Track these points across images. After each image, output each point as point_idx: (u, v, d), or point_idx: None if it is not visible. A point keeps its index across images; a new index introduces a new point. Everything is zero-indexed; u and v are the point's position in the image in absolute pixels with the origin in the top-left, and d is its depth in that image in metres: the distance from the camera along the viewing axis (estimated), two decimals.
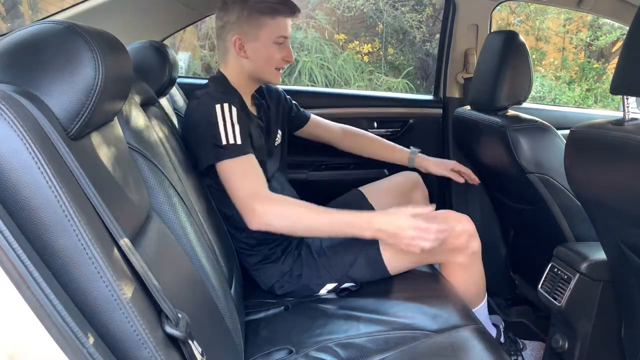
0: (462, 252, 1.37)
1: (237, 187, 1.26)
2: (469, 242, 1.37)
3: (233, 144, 1.27)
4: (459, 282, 1.41)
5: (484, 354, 1.02)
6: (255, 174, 1.29)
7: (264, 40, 1.38)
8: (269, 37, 1.38)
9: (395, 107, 2.13)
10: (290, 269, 1.40)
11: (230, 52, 1.40)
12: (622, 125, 0.99)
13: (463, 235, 1.35)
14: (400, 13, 5.11)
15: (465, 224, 1.37)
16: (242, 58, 1.40)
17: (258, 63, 1.40)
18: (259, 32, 1.37)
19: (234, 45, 1.38)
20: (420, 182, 1.76)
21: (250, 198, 1.24)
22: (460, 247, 1.36)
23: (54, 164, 0.58)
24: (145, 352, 0.60)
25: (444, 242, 1.31)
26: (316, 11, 5.14)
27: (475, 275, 1.44)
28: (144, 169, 0.95)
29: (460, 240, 1.35)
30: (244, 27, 1.36)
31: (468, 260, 1.39)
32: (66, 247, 0.57)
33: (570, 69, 5.63)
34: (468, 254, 1.38)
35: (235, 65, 1.41)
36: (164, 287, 0.67)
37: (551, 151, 1.43)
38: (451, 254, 1.38)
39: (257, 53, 1.39)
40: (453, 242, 1.35)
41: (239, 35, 1.37)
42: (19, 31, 0.66)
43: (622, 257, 1.14)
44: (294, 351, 1.11)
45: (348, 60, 5.06)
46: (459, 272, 1.41)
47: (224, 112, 1.29)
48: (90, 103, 0.65)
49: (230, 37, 1.38)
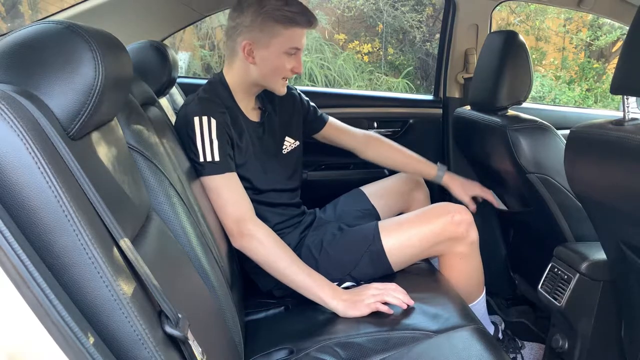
0: (461, 241, 1.39)
1: (222, 204, 1.27)
2: (468, 231, 1.39)
3: (210, 161, 1.26)
4: (459, 272, 1.43)
5: (484, 354, 1.02)
6: (237, 194, 1.28)
7: (275, 50, 1.32)
8: (281, 47, 1.32)
9: (395, 107, 2.13)
10: None
11: (238, 55, 1.35)
12: (622, 125, 0.99)
13: (462, 224, 1.37)
14: (400, 13, 5.11)
15: (463, 213, 1.39)
16: (249, 63, 1.35)
17: (265, 71, 1.35)
18: (270, 41, 1.31)
19: (242, 50, 1.33)
20: (422, 181, 1.76)
21: (238, 220, 1.26)
22: (460, 236, 1.38)
23: (54, 164, 0.58)
24: (145, 352, 0.60)
25: (443, 232, 1.36)
26: (316, 11, 5.14)
27: (475, 265, 1.45)
28: (144, 169, 0.95)
29: (460, 229, 1.37)
30: (255, 32, 1.31)
31: (467, 250, 1.41)
32: (66, 247, 0.57)
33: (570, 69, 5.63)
34: (467, 243, 1.40)
35: (241, 70, 1.37)
36: (164, 287, 0.67)
37: (551, 151, 1.43)
38: (451, 244, 1.40)
39: (266, 61, 1.34)
40: (453, 230, 1.37)
41: (249, 40, 1.31)
42: (19, 31, 0.66)
43: (622, 257, 1.14)
44: (294, 351, 1.11)
45: (348, 60, 5.06)
46: (459, 263, 1.42)
47: (202, 126, 1.26)
48: (90, 103, 0.65)
49: (240, 40, 1.33)
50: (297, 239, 1.45)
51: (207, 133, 1.26)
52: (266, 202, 1.42)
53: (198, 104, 1.31)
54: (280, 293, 1.39)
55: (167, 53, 1.36)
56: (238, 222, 1.26)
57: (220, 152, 1.27)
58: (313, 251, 1.41)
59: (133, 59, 0.88)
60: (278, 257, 1.25)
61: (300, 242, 1.45)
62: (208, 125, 1.27)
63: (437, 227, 1.37)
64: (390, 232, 1.39)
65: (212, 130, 1.27)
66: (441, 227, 1.37)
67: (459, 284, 1.42)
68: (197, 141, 1.26)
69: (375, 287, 1.24)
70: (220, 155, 1.27)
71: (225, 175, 1.28)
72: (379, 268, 1.38)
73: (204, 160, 1.26)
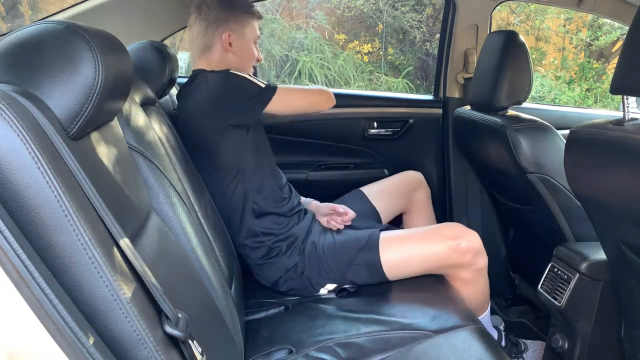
0: (466, 269, 1.36)
1: (299, 99, 1.50)
2: (474, 259, 1.35)
3: (265, 86, 1.40)
4: (462, 294, 1.37)
5: (484, 354, 1.02)
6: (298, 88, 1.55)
7: (248, 38, 1.48)
8: (251, 36, 1.49)
9: (395, 107, 2.13)
10: (295, 265, 1.39)
11: (216, 47, 1.45)
12: (622, 125, 0.99)
13: (468, 253, 1.34)
14: (400, 13, 5.11)
15: (470, 240, 1.35)
16: (228, 53, 1.45)
17: (244, 59, 1.48)
18: (244, 30, 1.46)
19: (225, 41, 1.43)
20: (423, 181, 1.76)
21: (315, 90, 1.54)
22: (465, 265, 1.35)
23: (54, 164, 0.58)
24: (145, 352, 0.60)
25: (447, 258, 1.33)
26: (316, 11, 5.14)
27: (480, 289, 1.42)
28: (144, 169, 0.95)
29: (465, 258, 1.34)
30: (231, 24, 1.44)
31: (472, 276, 1.37)
32: (66, 247, 0.57)
33: (570, 69, 5.63)
34: (473, 271, 1.37)
35: (221, 60, 1.45)
36: (164, 287, 0.67)
37: (551, 151, 1.43)
38: (455, 270, 1.37)
39: (244, 49, 1.47)
40: (458, 258, 1.34)
41: (229, 31, 1.43)
42: (19, 31, 0.66)
43: (622, 257, 1.14)
44: (294, 351, 1.11)
45: (348, 60, 5.06)
46: (463, 286, 1.39)
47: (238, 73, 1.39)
48: (90, 103, 0.65)
49: (219, 33, 1.44)
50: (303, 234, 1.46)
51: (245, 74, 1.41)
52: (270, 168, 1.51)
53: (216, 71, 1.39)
54: (286, 287, 1.39)
55: (167, 53, 1.36)
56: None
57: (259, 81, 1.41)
58: (318, 249, 1.41)
59: (133, 59, 0.88)
60: None
61: (306, 238, 1.45)
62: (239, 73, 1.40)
63: (441, 251, 1.34)
64: (392, 245, 1.37)
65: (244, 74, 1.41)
66: (446, 253, 1.34)
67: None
68: (247, 80, 1.39)
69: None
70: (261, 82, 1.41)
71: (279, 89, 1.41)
72: (374, 276, 1.37)
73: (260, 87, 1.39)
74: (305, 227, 1.48)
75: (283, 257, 1.40)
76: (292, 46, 4.94)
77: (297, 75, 4.75)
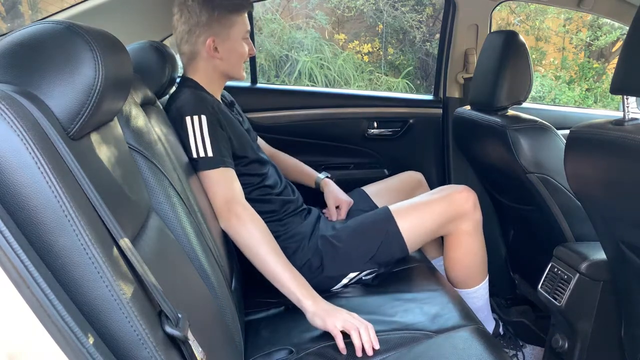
0: (468, 217, 1.45)
1: (214, 193, 1.27)
2: (474, 208, 1.46)
3: (204, 157, 1.28)
4: (464, 251, 1.48)
5: (484, 354, 1.02)
6: (232, 183, 1.29)
7: (236, 38, 1.40)
8: (239, 34, 1.41)
9: (395, 107, 2.13)
10: (308, 261, 1.39)
11: (201, 54, 1.39)
12: (622, 125, 0.99)
13: (469, 200, 1.44)
14: (400, 13, 5.11)
15: (468, 190, 1.46)
16: (215, 59, 1.40)
17: (232, 61, 1.42)
18: (230, 31, 1.39)
19: (208, 48, 1.38)
20: (423, 181, 1.77)
21: (229, 202, 1.25)
22: (467, 212, 1.44)
23: (54, 164, 0.58)
24: (145, 352, 0.60)
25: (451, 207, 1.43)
26: (316, 11, 5.14)
27: (479, 245, 1.50)
28: (144, 169, 0.95)
29: (467, 205, 1.44)
30: (215, 27, 1.37)
31: (473, 227, 1.46)
32: (66, 247, 0.57)
33: (570, 68, 5.63)
34: (473, 220, 1.46)
35: (207, 68, 1.41)
36: (164, 287, 0.67)
37: (551, 151, 1.43)
38: (459, 222, 1.45)
39: (231, 52, 1.41)
40: (461, 205, 1.44)
41: (212, 37, 1.37)
42: (19, 31, 0.66)
43: (622, 257, 1.14)
44: (294, 351, 1.11)
45: (348, 60, 5.06)
46: (465, 240, 1.47)
47: (193, 124, 1.29)
48: (90, 103, 0.65)
49: (202, 40, 1.37)
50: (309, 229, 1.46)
51: (198, 131, 1.29)
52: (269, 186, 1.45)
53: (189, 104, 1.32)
54: None
55: (167, 53, 1.36)
56: (228, 203, 1.26)
57: (213, 146, 1.28)
58: (331, 240, 1.42)
59: (133, 59, 0.88)
60: (260, 242, 1.22)
61: (313, 233, 1.45)
62: (199, 123, 1.29)
63: (445, 203, 1.43)
64: (403, 215, 1.43)
65: (203, 128, 1.29)
66: (448, 202, 1.43)
67: (463, 263, 1.47)
68: (191, 139, 1.28)
69: (353, 317, 1.12)
70: (214, 150, 1.28)
71: (219, 169, 1.28)
72: (396, 251, 1.41)
73: (197, 156, 1.28)
74: (310, 225, 1.48)
75: (294, 255, 1.38)
76: (292, 46, 4.94)
77: (297, 75, 4.75)
